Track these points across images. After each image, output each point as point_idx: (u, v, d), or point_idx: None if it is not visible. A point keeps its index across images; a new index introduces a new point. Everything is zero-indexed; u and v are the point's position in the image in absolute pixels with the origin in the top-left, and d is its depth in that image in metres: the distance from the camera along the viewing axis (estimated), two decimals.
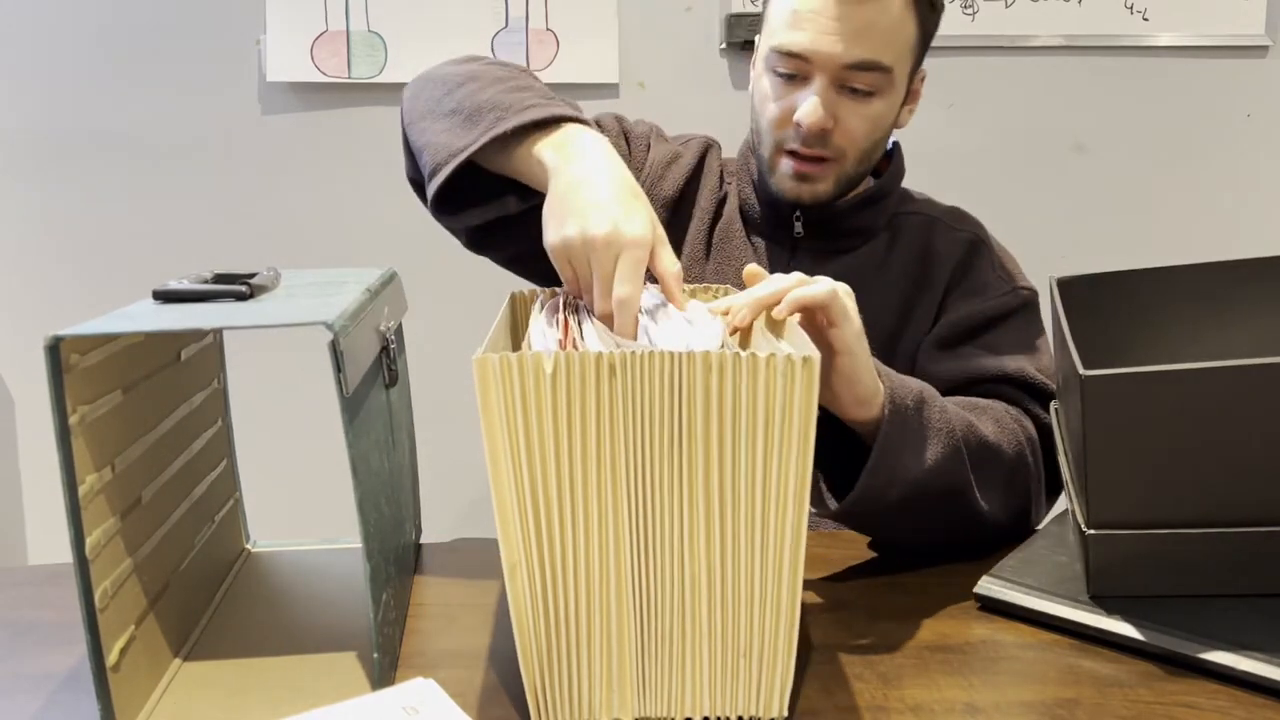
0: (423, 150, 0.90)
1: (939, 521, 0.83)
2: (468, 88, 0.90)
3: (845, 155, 0.97)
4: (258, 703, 0.64)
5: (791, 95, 0.96)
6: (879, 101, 0.96)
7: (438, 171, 0.87)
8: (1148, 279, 0.87)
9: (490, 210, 0.95)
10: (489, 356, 0.56)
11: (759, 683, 0.61)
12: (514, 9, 1.83)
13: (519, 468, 0.57)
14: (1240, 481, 0.70)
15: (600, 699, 0.60)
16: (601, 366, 0.56)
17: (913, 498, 0.79)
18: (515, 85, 0.89)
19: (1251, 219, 2.01)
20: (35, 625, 0.77)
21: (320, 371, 0.81)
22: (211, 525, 0.81)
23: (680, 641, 0.60)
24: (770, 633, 0.60)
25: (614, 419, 0.57)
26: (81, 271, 1.87)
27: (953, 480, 0.81)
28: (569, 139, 0.81)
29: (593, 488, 0.58)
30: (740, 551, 0.59)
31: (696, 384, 0.57)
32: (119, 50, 1.82)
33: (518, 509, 0.58)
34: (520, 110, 0.84)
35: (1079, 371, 0.68)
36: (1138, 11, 1.92)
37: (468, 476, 1.89)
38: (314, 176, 1.86)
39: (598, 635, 0.60)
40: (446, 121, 0.89)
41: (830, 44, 0.92)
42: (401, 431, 0.82)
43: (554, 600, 0.59)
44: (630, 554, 0.59)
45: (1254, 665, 0.65)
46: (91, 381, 0.60)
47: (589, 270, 0.72)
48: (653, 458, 0.58)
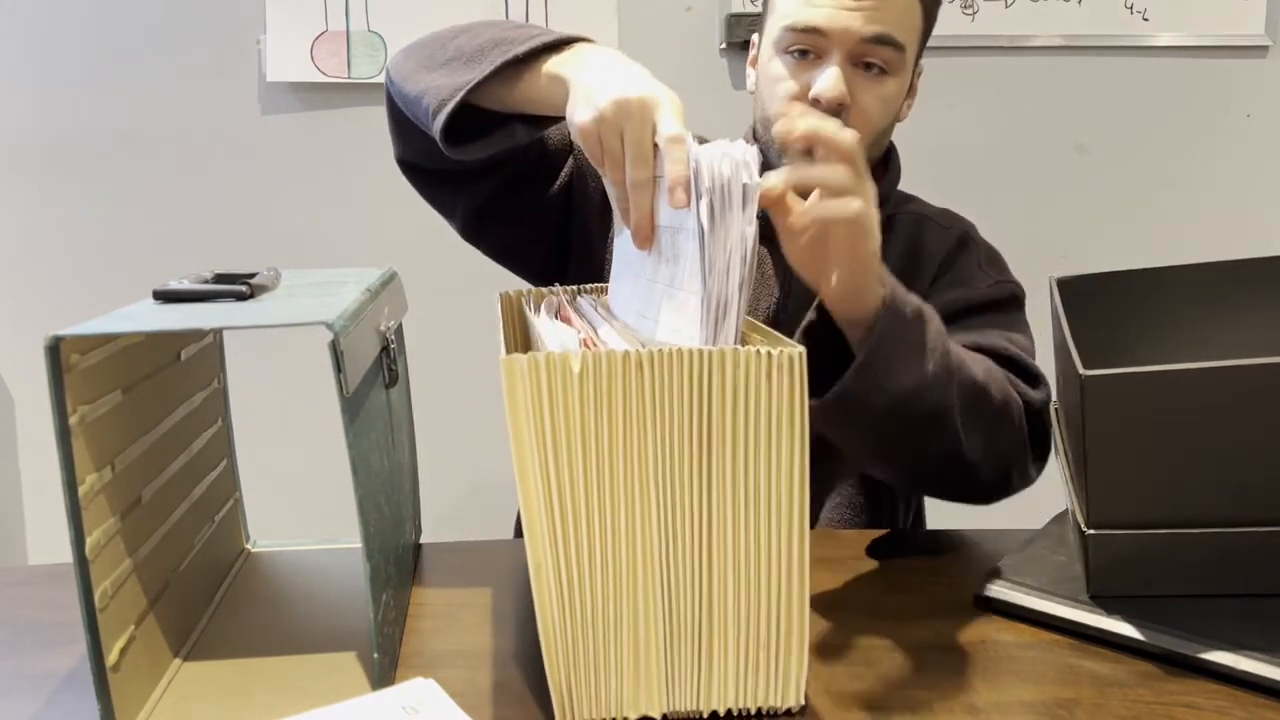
0: (420, 96, 0.86)
1: (920, 444, 0.82)
2: (461, 39, 0.88)
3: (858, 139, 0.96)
4: (258, 703, 0.64)
5: (807, 73, 0.95)
6: (892, 82, 0.96)
7: (442, 108, 0.83)
8: (1148, 279, 0.87)
9: (495, 142, 0.90)
10: (517, 357, 0.56)
11: (777, 673, 0.62)
12: (514, 9, 1.83)
13: (546, 467, 0.57)
14: (1240, 481, 0.70)
15: (627, 695, 0.61)
16: (629, 364, 0.57)
17: (897, 409, 0.77)
18: (512, 25, 0.88)
19: (1251, 219, 2.01)
20: (35, 625, 0.77)
21: (320, 371, 0.80)
22: (211, 525, 0.81)
23: (704, 635, 0.61)
24: (785, 623, 0.61)
25: (641, 416, 0.58)
26: (81, 271, 1.87)
27: (940, 402, 0.79)
28: (582, 52, 0.80)
29: (620, 485, 0.58)
30: (758, 543, 0.60)
31: (727, 380, 0.58)
32: (119, 50, 1.82)
33: (545, 508, 0.58)
34: (527, 40, 0.82)
35: (1079, 371, 0.68)
36: (1138, 11, 1.92)
37: (468, 476, 1.89)
38: (314, 176, 1.86)
39: (625, 632, 0.60)
40: (444, 69, 0.87)
41: (849, 18, 0.92)
42: (401, 431, 0.82)
43: (581, 598, 0.59)
44: (657, 549, 0.59)
45: (1254, 665, 0.65)
46: (91, 381, 0.60)
47: (618, 144, 0.70)
48: (678, 453, 0.59)
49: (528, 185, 1.02)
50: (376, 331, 0.71)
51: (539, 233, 1.05)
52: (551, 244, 1.06)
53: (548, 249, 1.06)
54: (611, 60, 0.77)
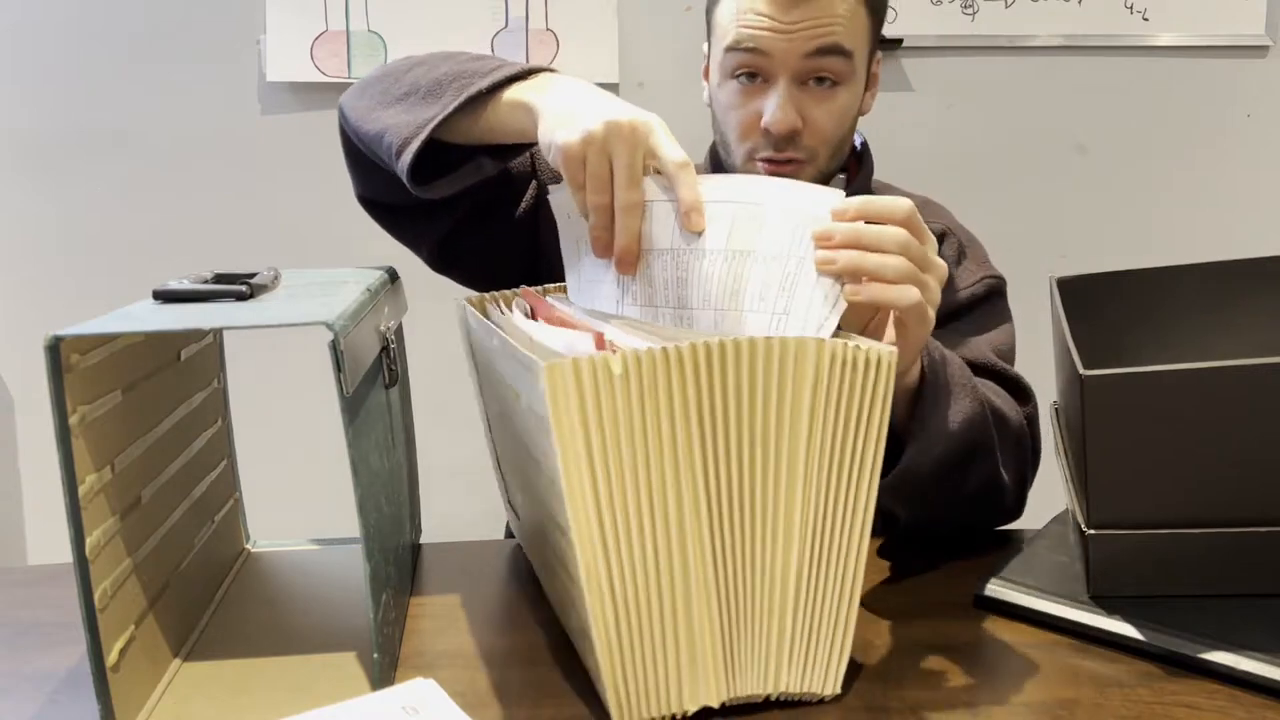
0: (381, 134, 0.84)
1: (969, 487, 0.82)
2: (415, 73, 0.86)
3: (817, 155, 0.95)
4: (258, 703, 0.64)
5: (755, 101, 0.93)
6: (844, 92, 0.93)
7: (406, 146, 0.81)
8: (1148, 279, 0.87)
9: (462, 177, 0.88)
10: (562, 362, 0.56)
11: (822, 661, 0.63)
12: (514, 9, 1.83)
13: (593, 470, 0.57)
14: (1240, 481, 0.70)
15: (686, 689, 0.61)
16: (670, 361, 0.57)
17: (950, 457, 0.78)
18: (468, 58, 0.86)
19: (1251, 219, 2.01)
20: (35, 625, 0.77)
21: (320, 371, 0.80)
22: (211, 525, 0.81)
23: (757, 625, 0.62)
24: (836, 610, 0.62)
25: (686, 411, 0.58)
26: (81, 271, 1.87)
27: (982, 435, 0.80)
28: (547, 81, 0.79)
29: (668, 482, 0.58)
30: (823, 533, 0.61)
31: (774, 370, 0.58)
32: (119, 50, 1.82)
33: (594, 510, 0.58)
34: (488, 72, 0.81)
35: (1079, 371, 0.68)
36: (1138, 11, 1.92)
37: (467, 477, 1.89)
38: (314, 176, 1.86)
39: (680, 627, 0.60)
40: (402, 105, 0.85)
41: (787, 37, 0.89)
42: (401, 431, 0.82)
43: (634, 598, 0.59)
44: (708, 543, 0.60)
45: (1254, 665, 0.65)
46: (91, 381, 0.60)
47: (605, 166, 0.69)
48: (723, 445, 0.59)
49: (493, 213, 1.00)
50: (376, 331, 0.71)
51: (508, 258, 1.02)
52: (522, 268, 1.03)
53: (519, 273, 1.02)
54: (585, 86, 0.76)
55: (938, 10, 1.89)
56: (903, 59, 1.91)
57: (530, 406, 0.62)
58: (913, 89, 1.93)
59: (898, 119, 1.92)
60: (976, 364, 0.93)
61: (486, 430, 0.89)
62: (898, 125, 1.91)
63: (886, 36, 1.82)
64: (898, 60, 1.92)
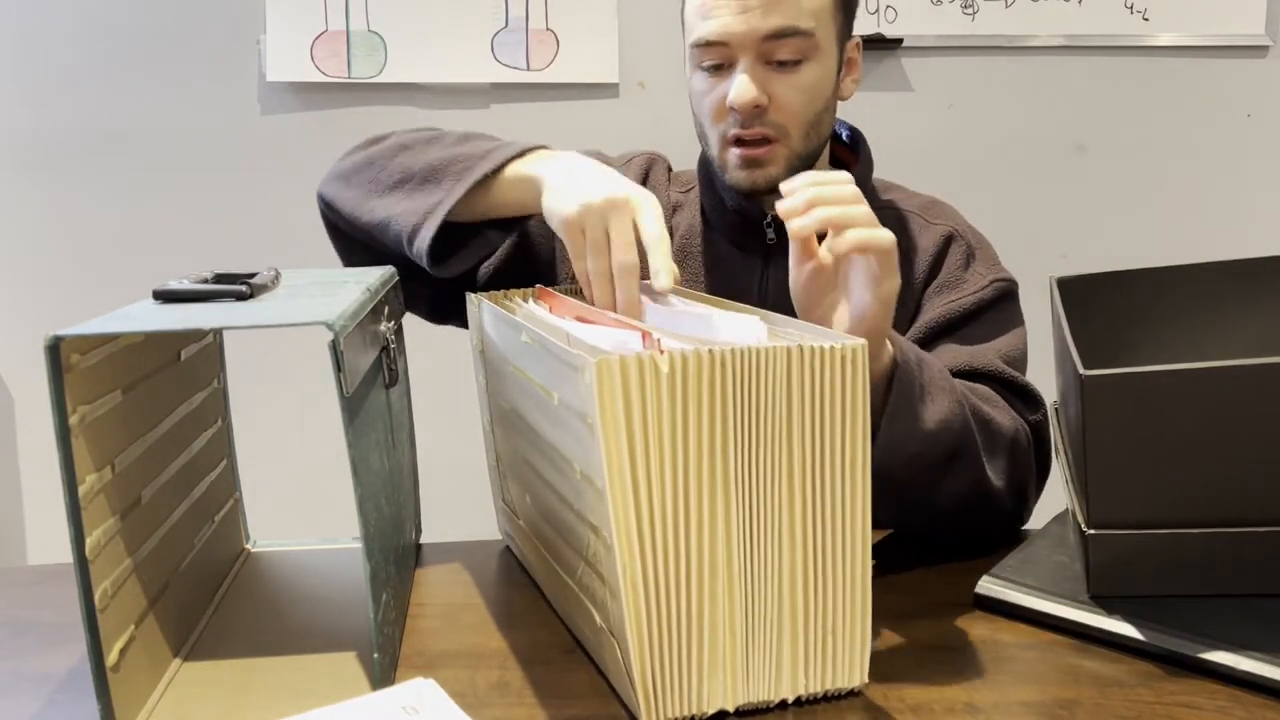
0: (386, 223, 0.90)
1: (951, 492, 0.83)
2: (401, 159, 0.93)
3: (788, 132, 0.95)
4: (258, 703, 0.64)
5: (723, 85, 0.95)
6: (809, 68, 0.94)
7: (418, 232, 0.87)
8: (1148, 279, 0.87)
9: (473, 253, 0.95)
10: (610, 359, 0.56)
11: (843, 656, 0.63)
12: (514, 9, 1.83)
13: (634, 468, 0.58)
14: (1240, 481, 0.70)
15: (712, 690, 0.61)
16: (715, 363, 0.58)
17: (926, 454, 0.79)
18: (453, 140, 0.93)
19: (1251, 219, 2.01)
20: (35, 625, 0.77)
21: (320, 371, 0.81)
22: (211, 525, 0.81)
23: (776, 626, 0.62)
24: (848, 606, 0.63)
25: (725, 413, 0.59)
26: (81, 271, 1.87)
27: (961, 439, 0.81)
28: (546, 155, 0.87)
29: (705, 484, 0.59)
30: (829, 533, 0.62)
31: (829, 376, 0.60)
32: (119, 50, 1.82)
33: (633, 508, 0.58)
34: (485, 154, 0.89)
35: (1079, 371, 0.68)
36: (1138, 11, 1.92)
37: (468, 476, 1.89)
38: (314, 176, 1.84)
39: (707, 627, 0.61)
40: (398, 192, 0.91)
41: (742, 21, 0.91)
42: (401, 431, 0.82)
43: (670, 597, 0.59)
44: (739, 545, 0.61)
45: (1254, 665, 0.65)
46: (91, 381, 0.60)
47: (603, 234, 0.77)
48: (759, 450, 0.60)
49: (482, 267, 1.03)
50: (376, 331, 0.71)
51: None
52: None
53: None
54: (583, 160, 0.85)
55: (938, 10, 1.89)
56: (903, 59, 1.91)
57: (567, 404, 0.62)
58: (913, 89, 1.93)
59: (898, 119, 1.92)
60: (981, 371, 0.92)
61: (487, 428, 0.89)
62: (898, 125, 1.91)
63: (886, 36, 1.84)
64: (898, 60, 1.92)
